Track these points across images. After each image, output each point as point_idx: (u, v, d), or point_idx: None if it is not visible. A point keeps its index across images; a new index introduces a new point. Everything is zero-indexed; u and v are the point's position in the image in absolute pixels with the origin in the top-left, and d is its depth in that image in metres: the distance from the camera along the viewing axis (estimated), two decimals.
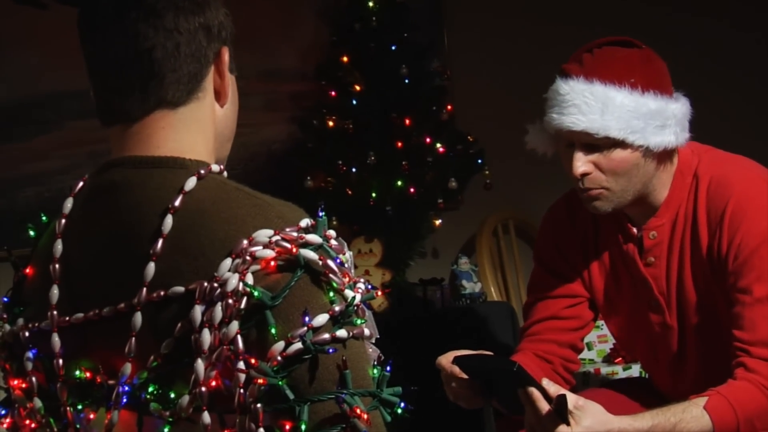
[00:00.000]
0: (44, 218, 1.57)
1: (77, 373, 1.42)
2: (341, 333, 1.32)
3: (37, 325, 1.47)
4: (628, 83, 2.23)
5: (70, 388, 1.44)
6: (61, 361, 1.44)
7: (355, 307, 1.36)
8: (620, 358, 3.56)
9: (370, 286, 1.40)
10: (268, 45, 4.58)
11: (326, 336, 1.31)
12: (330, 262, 1.35)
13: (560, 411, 2.06)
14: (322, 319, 1.32)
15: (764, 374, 2.17)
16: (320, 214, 1.40)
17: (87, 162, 4.34)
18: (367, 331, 1.36)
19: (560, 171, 2.36)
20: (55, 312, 1.45)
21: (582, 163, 2.26)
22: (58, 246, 1.48)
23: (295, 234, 1.35)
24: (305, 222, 1.38)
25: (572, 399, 2.07)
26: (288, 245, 1.33)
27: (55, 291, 1.46)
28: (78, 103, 4.26)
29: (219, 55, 1.50)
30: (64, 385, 1.44)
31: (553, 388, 2.09)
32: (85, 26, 1.49)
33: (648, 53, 2.31)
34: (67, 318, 1.44)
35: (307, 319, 1.31)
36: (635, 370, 3.41)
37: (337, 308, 1.33)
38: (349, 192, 4.28)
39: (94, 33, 1.48)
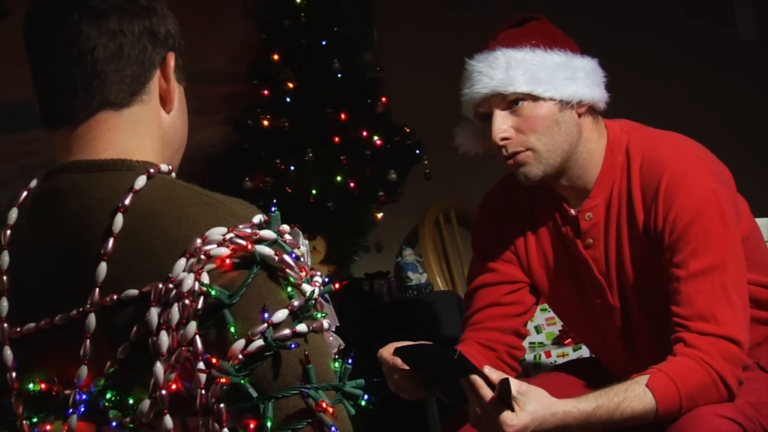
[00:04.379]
0: None
1: (31, 386, 1.40)
2: (301, 327, 1.32)
3: None
4: (529, 44, 2.29)
5: (24, 401, 1.42)
6: (14, 374, 1.42)
7: (314, 301, 1.35)
8: (570, 339, 3.57)
9: (326, 279, 1.40)
10: (196, 48, 4.53)
11: (287, 332, 1.31)
12: (286, 257, 1.34)
13: (504, 397, 2.04)
14: (281, 314, 1.31)
15: (703, 348, 2.18)
16: (272, 209, 1.39)
17: (19, 177, 4.29)
18: (326, 324, 1.36)
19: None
20: (5, 324, 1.43)
21: (501, 125, 2.28)
22: (5, 257, 1.46)
23: (249, 231, 1.35)
24: (258, 218, 1.38)
25: (515, 384, 2.06)
26: (243, 242, 1.33)
27: (4, 303, 1.44)
28: (7, 117, 4.21)
29: (165, 60, 1.50)
30: (19, 398, 1.42)
31: (495, 375, 2.07)
32: (30, 30, 1.49)
33: (547, 22, 2.37)
34: (18, 329, 1.42)
35: (266, 315, 1.30)
36: (585, 351, 3.42)
37: (295, 303, 1.33)
38: (289, 190, 4.28)
39: (39, 36, 1.48)
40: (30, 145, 4.21)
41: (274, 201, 1.40)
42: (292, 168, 4.29)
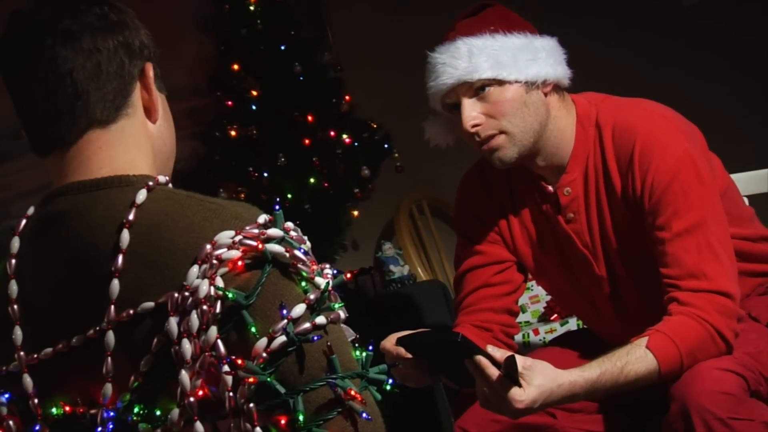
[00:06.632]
0: None
1: (54, 410, 1.40)
2: (320, 320, 1.33)
3: (5, 368, 1.45)
4: (488, 30, 2.31)
5: (50, 426, 1.42)
6: (36, 400, 1.42)
7: (329, 293, 1.37)
8: (556, 315, 3.59)
9: (336, 271, 1.42)
10: None
11: (307, 325, 1.32)
12: (297, 252, 1.36)
13: (510, 374, 2.06)
14: (299, 309, 1.32)
15: (697, 305, 2.20)
16: (276, 207, 1.41)
17: None
18: (342, 314, 1.38)
19: (467, 144, 2.39)
20: (21, 353, 1.43)
21: (470, 112, 2.30)
22: (13, 287, 1.45)
23: (256, 231, 1.36)
24: (263, 218, 1.40)
25: (520, 360, 2.07)
26: (252, 243, 1.34)
27: (18, 332, 1.44)
28: None
29: (143, 71, 1.51)
30: (45, 424, 1.42)
31: (499, 353, 2.09)
32: (5, 61, 1.49)
33: (503, 7, 2.39)
34: (36, 356, 1.42)
35: (284, 311, 1.31)
36: (573, 324, 3.45)
37: (312, 296, 1.34)
38: (264, 197, 4.27)
39: (15, 66, 1.47)
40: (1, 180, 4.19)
41: (278, 200, 1.41)
42: (265, 175, 4.29)
